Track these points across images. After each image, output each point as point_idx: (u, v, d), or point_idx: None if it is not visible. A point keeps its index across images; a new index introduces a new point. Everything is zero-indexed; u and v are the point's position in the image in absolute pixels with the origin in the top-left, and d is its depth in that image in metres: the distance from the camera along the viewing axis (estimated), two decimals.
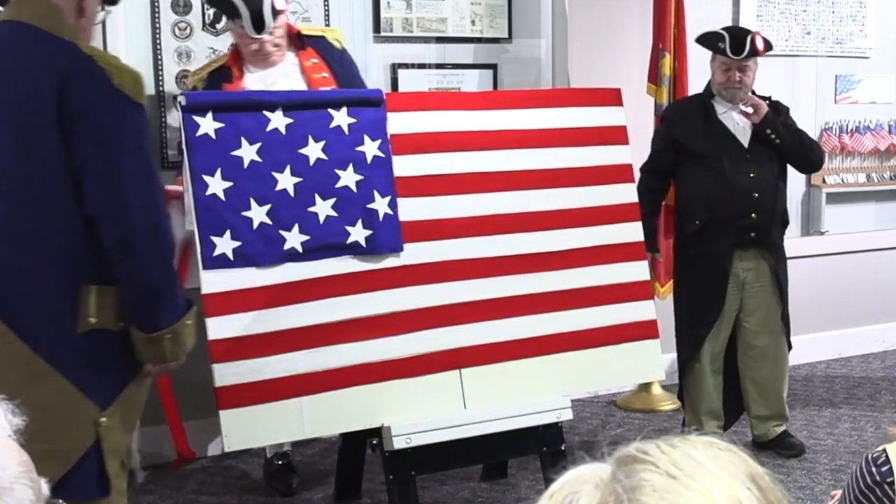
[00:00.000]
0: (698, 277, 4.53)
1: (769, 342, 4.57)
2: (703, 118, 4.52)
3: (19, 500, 1.02)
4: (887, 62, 6.34)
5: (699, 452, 0.89)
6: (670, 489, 0.84)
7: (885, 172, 6.39)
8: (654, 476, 0.86)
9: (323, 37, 4.23)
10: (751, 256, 4.50)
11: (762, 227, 4.45)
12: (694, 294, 4.55)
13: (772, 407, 4.64)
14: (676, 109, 4.74)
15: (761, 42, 4.48)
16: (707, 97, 4.57)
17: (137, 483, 3.95)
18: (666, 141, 4.60)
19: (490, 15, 5.23)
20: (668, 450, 0.89)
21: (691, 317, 4.56)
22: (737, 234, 4.44)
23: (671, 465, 0.86)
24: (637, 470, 0.87)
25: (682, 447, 0.89)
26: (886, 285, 6.28)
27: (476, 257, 3.77)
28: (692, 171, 4.52)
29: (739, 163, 4.44)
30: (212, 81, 4.08)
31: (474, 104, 3.92)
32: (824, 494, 4.09)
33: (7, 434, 1.08)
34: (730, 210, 4.41)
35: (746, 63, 4.46)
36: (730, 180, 4.41)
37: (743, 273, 4.50)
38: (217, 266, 3.40)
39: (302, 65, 4.13)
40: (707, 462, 0.88)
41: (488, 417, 3.64)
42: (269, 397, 3.40)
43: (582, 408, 5.17)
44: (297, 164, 3.54)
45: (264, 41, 4.02)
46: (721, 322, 4.52)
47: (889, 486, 1.92)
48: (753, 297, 4.52)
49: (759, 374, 4.60)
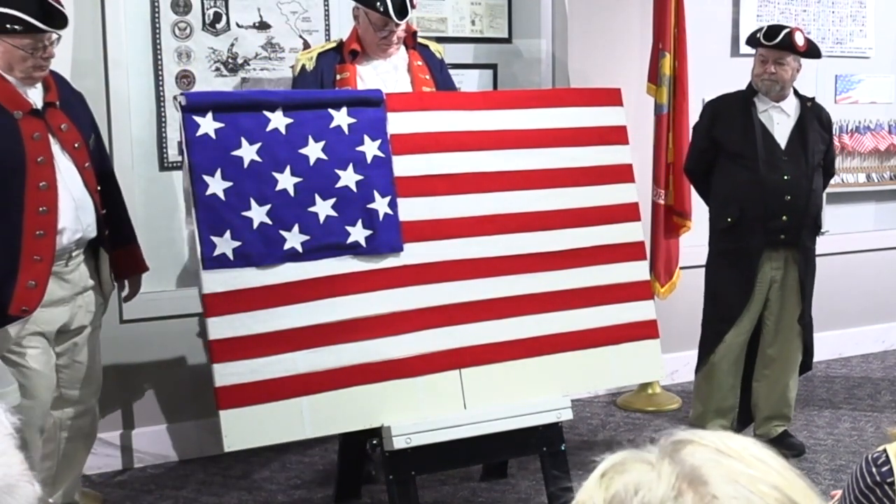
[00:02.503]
0: (727, 274, 4.53)
1: (785, 343, 4.58)
2: (743, 115, 4.49)
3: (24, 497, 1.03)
4: (887, 62, 6.34)
5: (733, 441, 0.91)
6: (730, 468, 0.87)
7: (885, 172, 6.39)
8: (709, 454, 0.88)
9: (427, 46, 4.30)
10: (780, 257, 4.50)
11: (792, 230, 4.44)
12: (721, 289, 4.56)
13: (778, 407, 4.65)
14: (718, 105, 4.65)
15: (801, 39, 4.45)
16: (749, 94, 4.54)
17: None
18: (706, 139, 4.59)
19: (490, 15, 5.23)
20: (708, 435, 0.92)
21: (715, 311, 4.57)
22: (767, 235, 4.43)
23: (721, 445, 0.89)
24: (691, 451, 0.89)
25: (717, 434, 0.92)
26: (886, 285, 6.28)
27: (476, 257, 3.77)
28: (728, 168, 4.51)
29: (775, 163, 4.43)
30: (321, 63, 4.09)
31: (474, 104, 3.92)
32: (824, 494, 4.08)
33: (8, 433, 1.08)
34: (761, 210, 4.41)
35: (784, 57, 4.43)
36: (763, 180, 4.40)
37: (771, 272, 4.51)
38: (217, 266, 3.40)
39: (411, 62, 4.18)
40: (749, 445, 0.91)
41: (488, 417, 3.64)
42: (269, 397, 3.40)
43: (582, 408, 5.17)
44: (297, 164, 3.54)
45: (394, 30, 4.04)
46: (743, 320, 4.52)
47: (889, 486, 1.92)
48: (777, 297, 4.53)
49: (771, 372, 4.61)
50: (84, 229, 3.59)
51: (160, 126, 4.55)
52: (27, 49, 3.39)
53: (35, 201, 3.44)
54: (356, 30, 4.16)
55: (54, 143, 3.51)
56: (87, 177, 3.60)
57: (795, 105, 4.55)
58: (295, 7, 4.76)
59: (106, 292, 3.79)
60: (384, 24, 4.02)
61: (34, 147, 3.45)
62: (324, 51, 4.16)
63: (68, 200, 3.52)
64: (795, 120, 4.52)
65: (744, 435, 0.94)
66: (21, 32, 3.35)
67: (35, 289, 3.46)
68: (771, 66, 4.45)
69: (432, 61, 4.26)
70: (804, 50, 4.47)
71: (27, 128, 3.44)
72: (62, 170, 3.52)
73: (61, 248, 3.53)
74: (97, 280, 3.73)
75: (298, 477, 4.40)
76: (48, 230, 3.46)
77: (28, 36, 3.37)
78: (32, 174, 3.44)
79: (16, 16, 3.34)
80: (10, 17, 3.35)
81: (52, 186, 3.47)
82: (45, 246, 3.46)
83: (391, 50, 4.11)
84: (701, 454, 0.87)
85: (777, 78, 4.46)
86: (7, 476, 1.03)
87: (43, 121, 3.48)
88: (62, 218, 3.50)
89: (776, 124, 4.50)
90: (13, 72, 3.43)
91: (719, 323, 4.55)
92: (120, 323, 4.38)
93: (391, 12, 3.97)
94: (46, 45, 3.43)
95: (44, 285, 3.47)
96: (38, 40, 3.40)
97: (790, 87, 4.53)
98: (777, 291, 4.53)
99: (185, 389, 4.61)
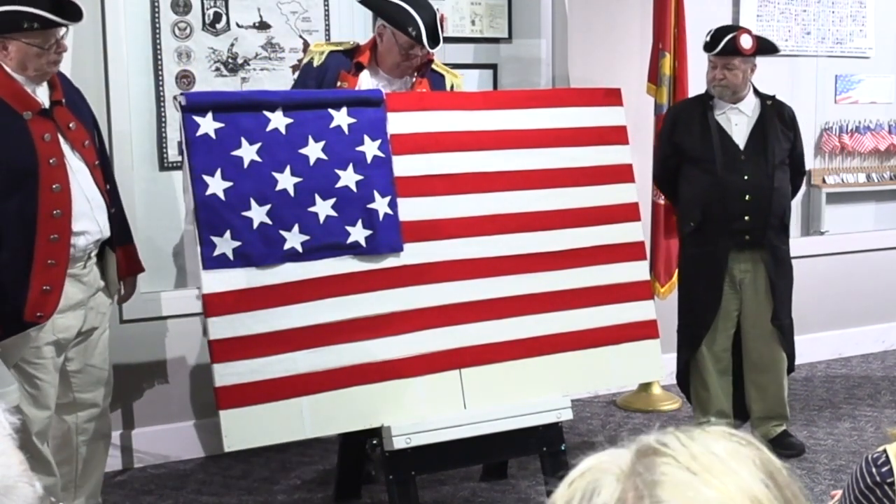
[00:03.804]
0: (696, 278, 4.54)
1: (762, 345, 4.57)
2: (701, 119, 4.50)
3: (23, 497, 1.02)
4: (887, 62, 6.34)
5: (718, 446, 0.89)
6: (690, 485, 0.84)
7: (885, 172, 6.38)
8: (675, 471, 0.86)
9: (444, 75, 4.18)
10: (746, 259, 4.49)
11: (756, 230, 4.43)
12: (693, 294, 4.57)
13: (771, 408, 4.65)
14: (677, 112, 4.71)
15: (748, 41, 4.42)
16: (707, 97, 4.56)
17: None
18: (668, 146, 4.60)
19: (490, 15, 5.23)
20: (688, 443, 0.89)
21: (690, 317, 4.58)
22: (731, 237, 4.43)
23: (691, 459, 0.87)
24: (657, 463, 0.87)
25: (702, 440, 0.89)
26: (886, 285, 6.28)
27: (476, 257, 3.77)
28: (690, 172, 4.52)
29: (733, 164, 4.42)
30: (329, 61, 4.01)
31: (474, 104, 3.92)
32: (824, 494, 4.09)
33: (7, 434, 1.08)
34: (722, 212, 4.40)
35: (731, 61, 4.42)
36: (722, 181, 4.39)
37: (740, 275, 4.50)
38: (217, 266, 3.40)
39: (414, 88, 4.06)
40: (726, 457, 0.87)
41: (488, 417, 3.64)
42: (269, 397, 3.40)
43: (582, 408, 5.17)
44: (297, 164, 3.54)
45: (419, 55, 3.97)
46: (719, 322, 4.52)
47: (889, 486, 1.92)
48: (748, 299, 4.52)
49: (757, 375, 4.62)
50: (101, 229, 3.55)
51: (160, 126, 4.56)
52: (42, 45, 3.32)
53: (49, 204, 3.37)
54: (372, 44, 4.08)
55: (64, 142, 3.45)
56: (97, 175, 3.55)
57: (755, 104, 4.53)
58: (295, 7, 4.76)
59: (112, 292, 3.75)
60: (411, 47, 3.94)
61: (46, 148, 3.38)
62: (336, 51, 4.09)
63: (83, 202, 3.47)
64: (755, 119, 4.50)
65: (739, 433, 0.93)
66: (38, 29, 3.29)
67: (50, 294, 3.39)
68: (719, 71, 4.44)
69: (439, 88, 4.13)
70: (751, 52, 4.44)
71: (37, 129, 3.38)
72: (74, 170, 3.46)
73: (81, 250, 3.48)
74: (105, 280, 3.71)
75: (298, 477, 4.40)
76: (62, 233, 3.39)
77: (42, 32, 3.31)
78: (45, 176, 3.37)
79: (32, 13, 3.27)
80: (26, 15, 3.28)
81: (66, 188, 3.41)
82: (59, 250, 3.40)
83: (406, 73, 4.06)
84: (668, 473, 0.86)
85: (727, 83, 4.45)
86: (5, 477, 1.02)
87: (52, 120, 3.43)
88: (81, 220, 3.45)
89: (734, 125, 4.49)
90: (27, 71, 3.36)
91: (697, 328, 4.54)
92: (120, 323, 4.37)
93: (423, 39, 3.88)
94: (59, 40, 3.38)
95: (59, 290, 3.41)
96: (51, 35, 3.34)
97: (745, 88, 4.51)
98: (749, 293, 4.51)
99: (185, 389, 4.61)
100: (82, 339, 3.60)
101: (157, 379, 4.58)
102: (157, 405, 4.57)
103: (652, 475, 0.85)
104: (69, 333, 3.52)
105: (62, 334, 3.49)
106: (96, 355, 3.66)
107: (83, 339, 3.61)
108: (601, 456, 0.91)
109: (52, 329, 3.45)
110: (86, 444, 3.68)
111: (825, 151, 6.15)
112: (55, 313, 3.43)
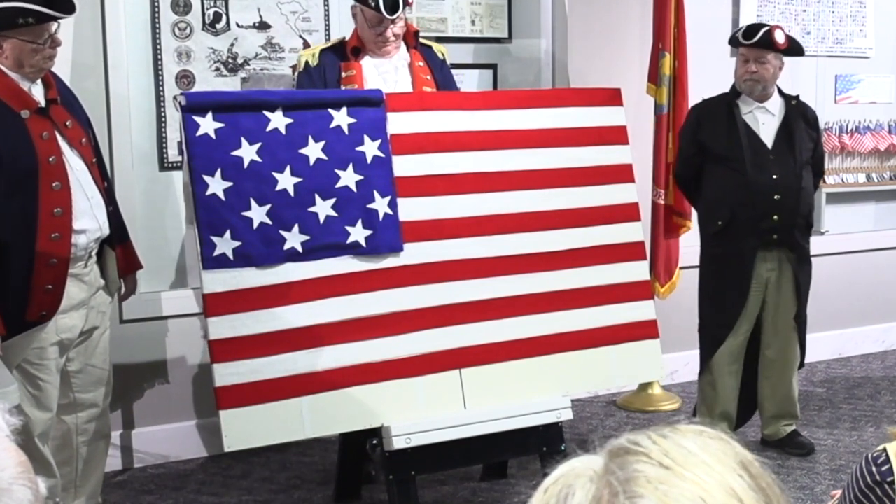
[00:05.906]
0: (721, 278, 4.52)
1: (783, 342, 4.58)
2: (727, 118, 4.48)
3: (18, 500, 1.02)
4: (887, 62, 6.34)
5: (689, 441, 0.90)
6: (664, 480, 0.85)
7: (885, 172, 6.38)
8: (648, 467, 0.87)
9: (430, 46, 4.30)
10: (774, 258, 4.49)
11: (784, 229, 4.43)
12: (716, 294, 4.54)
13: (783, 406, 4.65)
14: (702, 110, 4.65)
15: (782, 36, 4.44)
16: (732, 96, 4.54)
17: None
18: (693, 145, 4.58)
19: (490, 15, 5.23)
20: (660, 440, 0.90)
21: (713, 317, 4.56)
22: (759, 236, 4.42)
23: (663, 455, 0.87)
24: (630, 461, 0.87)
25: (673, 437, 0.90)
26: (886, 285, 6.28)
27: (476, 257, 3.77)
28: (715, 171, 4.50)
29: (762, 164, 4.42)
30: (324, 59, 4.09)
31: (474, 104, 3.92)
32: (824, 494, 4.09)
33: (5, 434, 1.08)
34: (751, 211, 4.40)
35: (764, 55, 4.43)
36: (751, 181, 4.39)
37: (766, 273, 4.50)
38: (217, 266, 3.40)
39: (412, 63, 4.18)
40: (698, 451, 0.88)
41: (488, 417, 3.64)
42: (269, 397, 3.40)
43: (582, 408, 5.17)
44: (297, 164, 3.54)
45: (388, 27, 4.05)
46: (741, 323, 4.52)
47: (889, 485, 1.92)
48: (772, 297, 4.52)
49: (773, 372, 4.61)
50: (101, 227, 3.54)
51: (160, 126, 4.55)
52: (37, 41, 3.32)
53: (49, 203, 3.37)
54: (356, 31, 4.17)
55: (62, 140, 3.44)
56: (95, 173, 3.55)
57: (780, 104, 4.55)
58: (295, 7, 4.76)
59: (112, 291, 3.74)
60: (378, 20, 4.02)
61: (45, 146, 3.38)
62: (326, 48, 4.16)
63: (83, 200, 3.47)
64: (781, 119, 4.51)
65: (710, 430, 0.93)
66: (33, 24, 3.28)
67: (52, 292, 3.38)
68: (752, 65, 4.44)
69: (434, 61, 4.25)
70: (785, 47, 4.46)
71: (35, 127, 3.37)
72: (73, 168, 3.45)
73: (82, 248, 3.47)
74: (105, 279, 3.70)
75: (298, 477, 4.40)
76: (63, 232, 3.39)
77: (37, 27, 3.30)
78: (45, 175, 3.36)
79: (26, 8, 3.26)
80: (20, 11, 3.26)
81: (66, 186, 3.40)
82: (60, 248, 3.39)
83: (389, 48, 4.11)
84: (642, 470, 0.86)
85: (759, 77, 4.45)
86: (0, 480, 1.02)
87: (49, 119, 3.42)
88: (82, 218, 3.45)
89: (761, 125, 4.49)
90: (23, 68, 3.35)
91: (718, 328, 4.53)
92: (120, 323, 4.38)
93: (382, 8, 3.98)
94: (53, 35, 3.36)
95: (61, 289, 3.40)
96: (45, 30, 3.33)
97: (773, 86, 4.52)
98: (773, 292, 4.52)
99: (185, 389, 4.61)
100: (83, 339, 3.60)
101: (158, 379, 4.58)
102: (157, 405, 4.57)
103: (626, 473, 0.86)
104: (73, 333, 3.51)
105: (66, 335, 3.49)
106: (97, 355, 3.65)
107: (84, 339, 3.60)
108: (574, 462, 0.92)
109: (55, 329, 3.45)
110: (86, 444, 3.67)
111: (825, 151, 6.15)
112: (58, 313, 3.43)
